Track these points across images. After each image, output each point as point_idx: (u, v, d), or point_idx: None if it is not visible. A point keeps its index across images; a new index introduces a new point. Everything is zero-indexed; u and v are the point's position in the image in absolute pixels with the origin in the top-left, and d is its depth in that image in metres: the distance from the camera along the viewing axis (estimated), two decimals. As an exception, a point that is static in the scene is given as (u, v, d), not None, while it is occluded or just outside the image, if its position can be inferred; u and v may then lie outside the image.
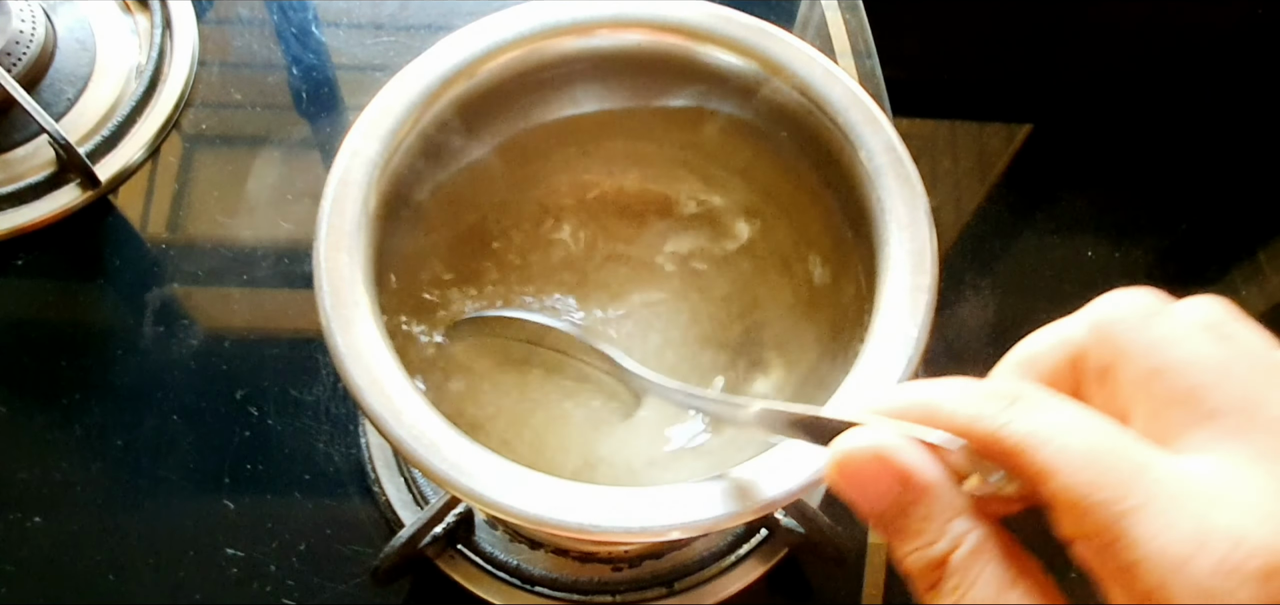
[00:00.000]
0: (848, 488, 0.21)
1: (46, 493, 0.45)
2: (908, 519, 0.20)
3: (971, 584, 0.20)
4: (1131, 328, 0.20)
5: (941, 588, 0.20)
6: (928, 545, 0.20)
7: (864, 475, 0.21)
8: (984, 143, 0.66)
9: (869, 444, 0.21)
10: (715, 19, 0.38)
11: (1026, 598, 0.19)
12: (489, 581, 0.44)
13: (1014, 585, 0.19)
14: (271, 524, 0.45)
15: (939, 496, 0.20)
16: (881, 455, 0.20)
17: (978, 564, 0.20)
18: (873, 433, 0.21)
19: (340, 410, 0.48)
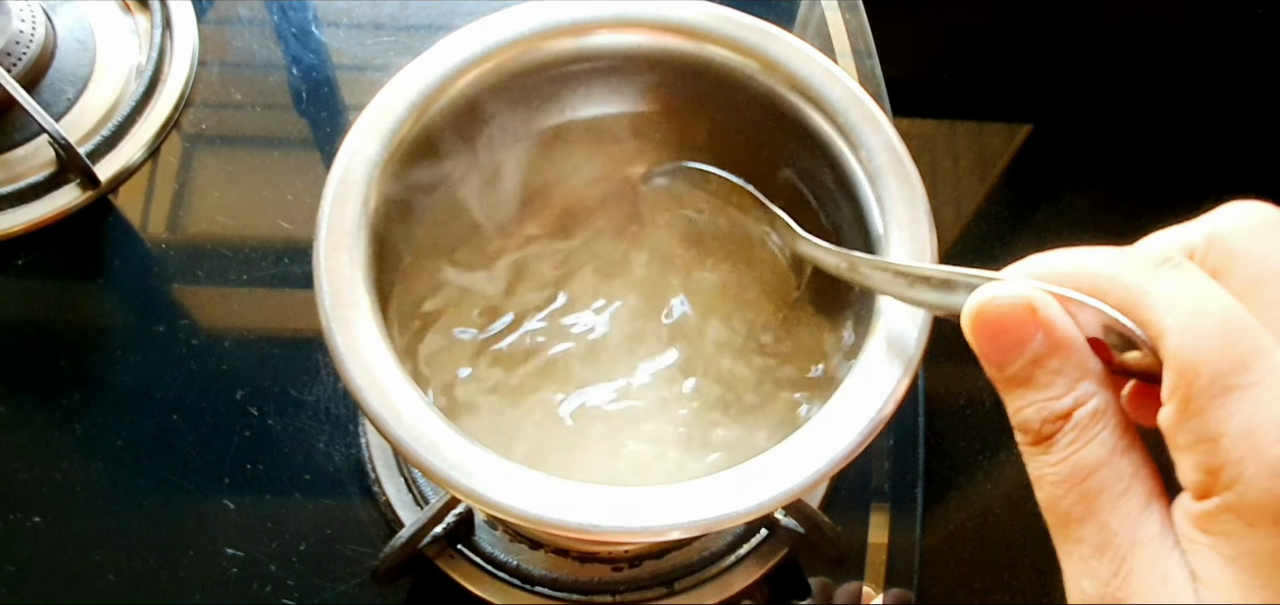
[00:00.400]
0: (983, 334, 0.22)
1: (46, 493, 0.45)
2: (1039, 370, 0.21)
3: (1088, 442, 0.20)
4: (1245, 236, 0.21)
5: (1056, 442, 0.21)
6: (1053, 398, 0.21)
7: (1005, 322, 0.21)
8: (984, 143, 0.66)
9: (1017, 293, 0.21)
10: (716, 19, 0.38)
11: (1132, 466, 0.20)
12: (489, 581, 0.44)
13: (1125, 453, 0.20)
14: (271, 524, 0.45)
15: (1076, 352, 0.21)
16: (1030, 304, 0.21)
17: (1097, 424, 0.20)
18: (1021, 284, 0.22)
19: (340, 410, 0.48)
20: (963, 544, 0.50)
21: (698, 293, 0.41)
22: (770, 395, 0.39)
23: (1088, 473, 0.20)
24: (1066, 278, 0.21)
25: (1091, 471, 0.20)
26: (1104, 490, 0.20)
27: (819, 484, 0.31)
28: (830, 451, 0.29)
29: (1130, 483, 0.20)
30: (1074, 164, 0.66)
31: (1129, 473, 0.20)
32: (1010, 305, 0.21)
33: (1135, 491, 0.20)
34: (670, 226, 0.42)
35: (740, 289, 0.41)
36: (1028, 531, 0.50)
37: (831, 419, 0.30)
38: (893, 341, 0.31)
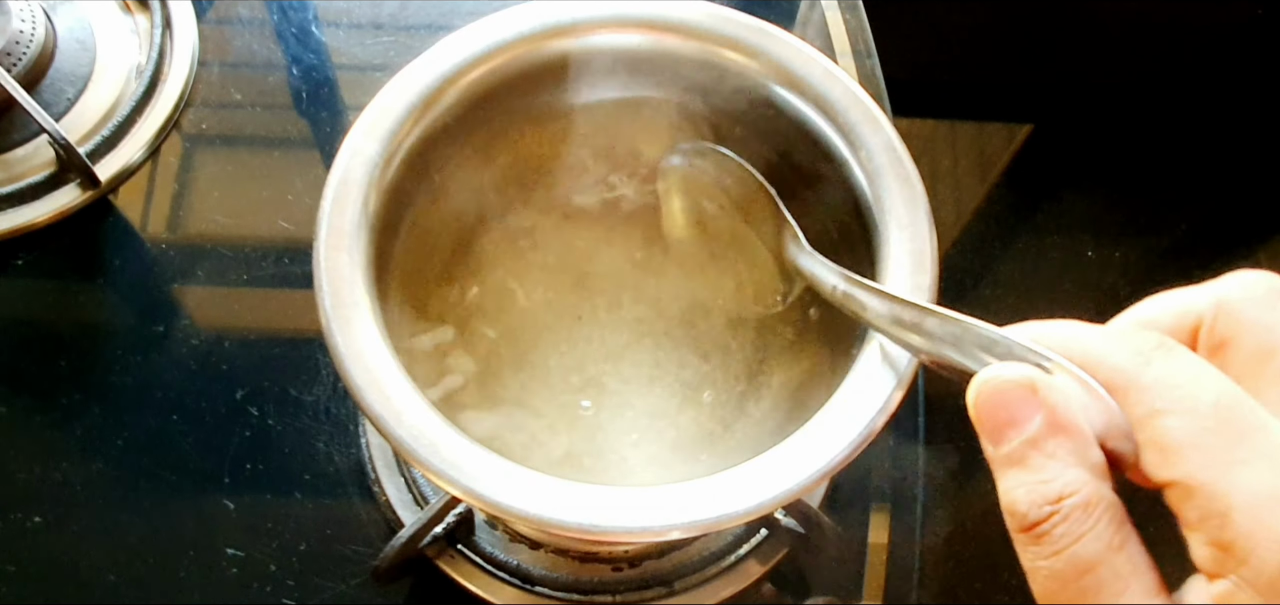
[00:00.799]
0: (988, 405, 0.22)
1: (46, 493, 0.45)
2: (1034, 452, 0.21)
3: (1080, 536, 0.20)
4: (1253, 307, 0.21)
5: (1047, 532, 0.20)
6: (1044, 482, 0.20)
7: (1005, 398, 0.21)
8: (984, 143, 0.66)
9: (1023, 374, 0.21)
10: (716, 19, 0.38)
11: (1130, 562, 0.19)
12: (489, 581, 0.44)
13: (1120, 549, 0.19)
14: (271, 524, 0.45)
15: (1074, 438, 0.20)
16: (1031, 384, 0.21)
17: (1090, 518, 0.20)
18: (1024, 367, 0.22)
19: (340, 410, 0.48)
20: (963, 544, 0.50)
21: (692, 292, 0.41)
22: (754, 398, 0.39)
23: (1085, 569, 0.20)
24: (1078, 356, 0.21)
25: (1090, 568, 0.19)
26: (1104, 587, 0.19)
27: (819, 484, 0.31)
28: (830, 452, 0.29)
29: (1130, 579, 0.19)
30: (1074, 164, 0.66)
31: (1128, 570, 0.19)
32: (1013, 383, 0.21)
33: (1135, 588, 0.19)
34: (679, 213, 0.42)
35: (737, 290, 0.41)
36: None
37: (831, 419, 0.30)
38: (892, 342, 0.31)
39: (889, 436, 0.49)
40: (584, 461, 0.39)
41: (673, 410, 0.40)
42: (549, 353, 0.40)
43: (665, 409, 0.40)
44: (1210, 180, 0.64)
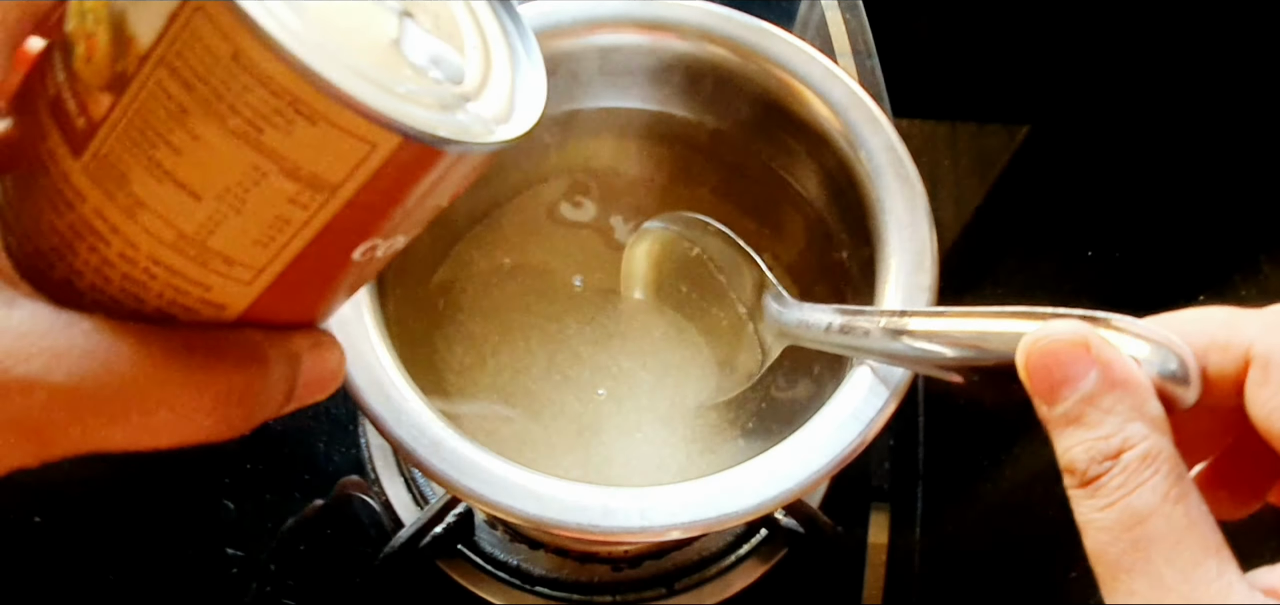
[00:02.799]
0: (1035, 369, 0.21)
1: (46, 493, 0.45)
2: (1090, 408, 0.20)
3: (1136, 488, 0.19)
4: None
5: (1103, 485, 0.20)
6: (1103, 438, 0.20)
7: (1059, 357, 0.21)
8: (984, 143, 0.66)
9: (1073, 329, 0.21)
10: (716, 19, 0.38)
11: (1187, 516, 0.19)
12: (489, 581, 0.44)
13: (1177, 502, 0.19)
14: (271, 524, 0.45)
15: (1131, 391, 0.20)
16: (1084, 340, 0.21)
17: (1148, 468, 0.19)
18: (1080, 325, 0.21)
19: (340, 410, 0.48)
20: (963, 544, 0.50)
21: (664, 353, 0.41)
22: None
23: (1138, 520, 0.19)
24: (1169, 329, 0.21)
25: (1142, 519, 0.19)
26: (1156, 540, 0.19)
27: (819, 484, 0.31)
28: (830, 451, 0.29)
29: (1185, 533, 0.19)
30: (1074, 164, 0.66)
31: (1183, 523, 0.19)
32: (1065, 341, 0.21)
33: (1190, 542, 0.19)
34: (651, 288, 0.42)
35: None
36: (1028, 531, 0.50)
37: (831, 419, 0.30)
38: (893, 341, 0.31)
39: (889, 436, 0.50)
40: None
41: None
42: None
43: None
44: (1210, 180, 0.65)
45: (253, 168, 0.17)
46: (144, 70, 0.17)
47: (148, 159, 0.18)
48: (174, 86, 0.17)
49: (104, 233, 0.19)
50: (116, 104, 0.17)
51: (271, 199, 0.18)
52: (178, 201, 0.18)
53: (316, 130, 0.17)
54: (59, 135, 0.18)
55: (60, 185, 0.18)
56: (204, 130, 0.17)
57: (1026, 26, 0.70)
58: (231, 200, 0.18)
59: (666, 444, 0.38)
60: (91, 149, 0.18)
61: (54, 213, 0.19)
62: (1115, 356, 0.21)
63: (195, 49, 0.16)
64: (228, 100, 0.17)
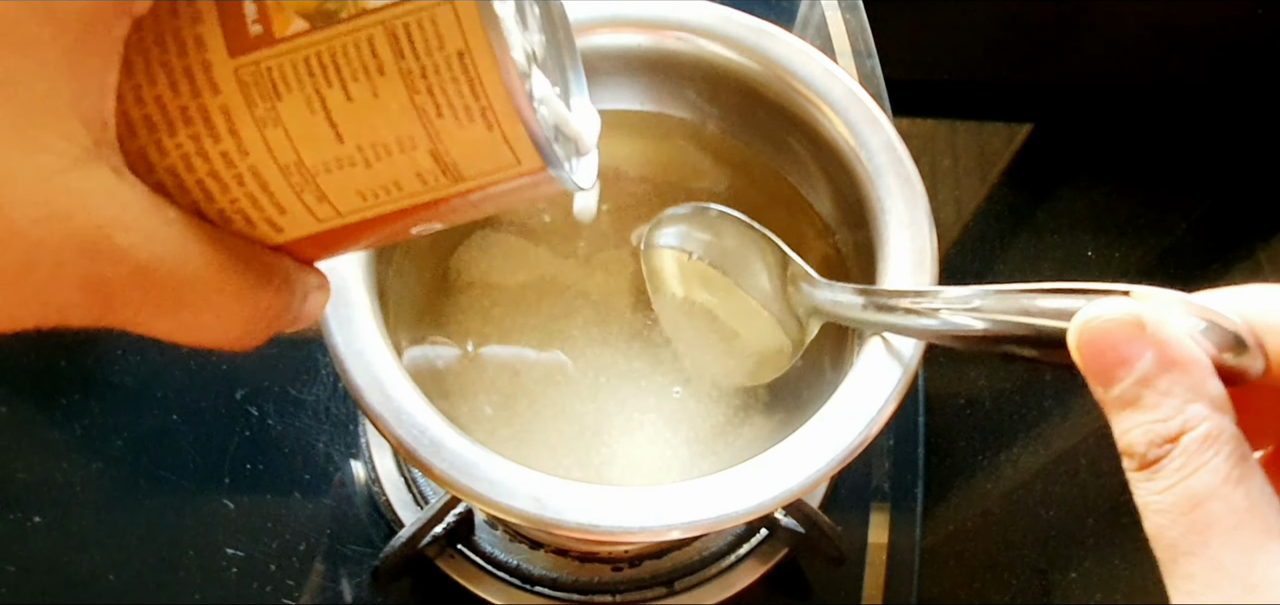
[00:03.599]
0: (1089, 352, 0.21)
1: (46, 493, 0.45)
2: (1147, 390, 0.20)
3: (1196, 470, 0.19)
4: None
5: (1162, 468, 0.19)
6: (1161, 420, 0.19)
7: (1114, 336, 0.20)
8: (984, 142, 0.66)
9: (1125, 309, 0.20)
10: (716, 19, 0.38)
11: (1249, 499, 0.18)
12: (489, 581, 0.44)
13: (1238, 484, 0.19)
14: (271, 524, 0.45)
15: (1190, 372, 0.19)
16: (1139, 320, 0.20)
17: (1208, 450, 0.19)
18: (1134, 303, 0.20)
19: (340, 410, 0.48)
20: (963, 544, 0.50)
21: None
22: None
23: (1197, 502, 0.19)
24: (1225, 306, 0.20)
25: (1201, 501, 0.19)
26: (1215, 523, 0.18)
27: (819, 484, 0.31)
28: (830, 451, 0.29)
29: (1245, 515, 0.18)
30: (1074, 164, 0.66)
31: (1244, 505, 0.18)
32: (1118, 321, 0.20)
33: (1251, 526, 0.18)
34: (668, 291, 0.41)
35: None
36: (1028, 531, 0.50)
37: (831, 419, 0.30)
38: (892, 341, 0.31)
39: (889, 436, 0.50)
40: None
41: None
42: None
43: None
44: (1210, 180, 0.65)
45: (409, 137, 0.19)
46: (359, 21, 0.18)
47: (314, 90, 0.19)
48: (384, 47, 0.18)
49: (220, 131, 0.19)
50: (309, 34, 0.18)
51: (404, 167, 0.20)
52: (319, 136, 0.19)
53: (489, 135, 0.19)
54: (218, 28, 0.18)
55: (195, 70, 0.19)
56: (391, 93, 0.19)
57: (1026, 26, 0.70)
58: (369, 154, 0.19)
59: (670, 445, 0.38)
60: (255, 58, 0.19)
61: (170, 89, 0.19)
62: (1171, 335, 0.20)
63: (426, 29, 0.18)
64: (430, 81, 0.18)
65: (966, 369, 0.56)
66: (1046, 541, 0.21)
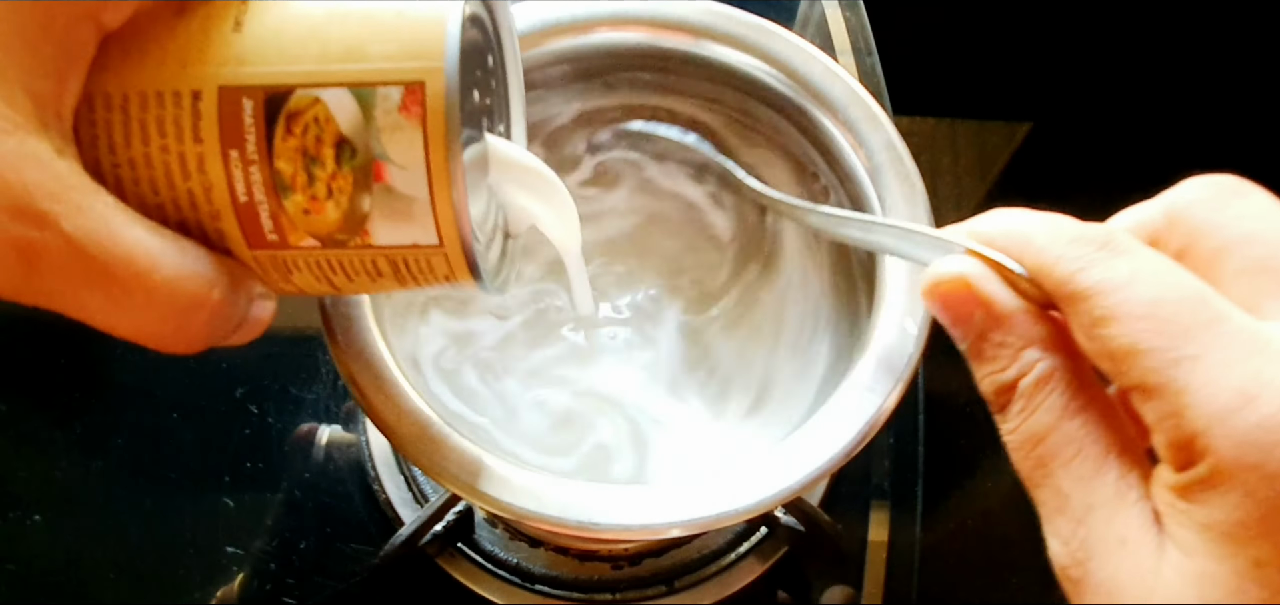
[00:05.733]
0: (938, 308, 0.22)
1: (46, 492, 0.45)
2: (986, 343, 0.21)
3: (1033, 410, 0.20)
4: (1206, 207, 0.21)
5: (1008, 412, 0.21)
6: (1000, 370, 0.21)
7: (951, 296, 0.22)
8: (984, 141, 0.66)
9: (956, 270, 0.22)
10: (716, 17, 0.38)
11: (1084, 428, 0.20)
12: (489, 580, 0.44)
13: (1075, 416, 0.20)
14: (271, 523, 0.45)
15: (1015, 325, 0.21)
16: (966, 281, 0.22)
17: (1042, 392, 0.20)
18: (961, 260, 0.22)
19: (340, 409, 0.48)
20: (963, 542, 0.50)
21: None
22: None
23: (1038, 439, 0.20)
24: (1015, 244, 0.22)
25: (1041, 438, 0.20)
26: (1054, 455, 0.20)
27: (819, 482, 0.31)
28: (830, 449, 0.29)
29: (1082, 445, 0.20)
30: (1074, 163, 0.66)
31: (1080, 435, 0.20)
32: (951, 281, 0.22)
33: (1088, 453, 0.20)
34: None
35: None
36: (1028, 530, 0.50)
37: (831, 417, 0.30)
38: (892, 339, 0.31)
39: (889, 435, 0.50)
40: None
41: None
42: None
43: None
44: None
45: (381, 280, 0.23)
46: (365, 252, 0.22)
47: (323, 275, 0.23)
48: (385, 266, 0.23)
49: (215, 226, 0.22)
50: (318, 250, 0.22)
51: (365, 280, 0.23)
52: (315, 283, 0.24)
53: (443, 279, 0.24)
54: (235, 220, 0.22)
55: (206, 222, 0.22)
56: (386, 283, 0.23)
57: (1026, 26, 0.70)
58: (344, 276, 0.23)
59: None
60: (267, 252, 0.22)
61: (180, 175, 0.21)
62: (994, 291, 0.21)
63: (421, 264, 0.23)
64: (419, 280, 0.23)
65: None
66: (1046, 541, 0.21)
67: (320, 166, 0.21)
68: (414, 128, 0.21)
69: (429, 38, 0.21)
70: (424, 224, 0.22)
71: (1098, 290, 0.19)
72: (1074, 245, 0.20)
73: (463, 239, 0.22)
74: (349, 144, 0.21)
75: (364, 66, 0.21)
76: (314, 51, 0.21)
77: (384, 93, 0.21)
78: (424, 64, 0.21)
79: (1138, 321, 0.19)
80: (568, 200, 0.28)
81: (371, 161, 0.21)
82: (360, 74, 0.21)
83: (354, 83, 0.21)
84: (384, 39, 0.21)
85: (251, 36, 0.21)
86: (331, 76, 0.21)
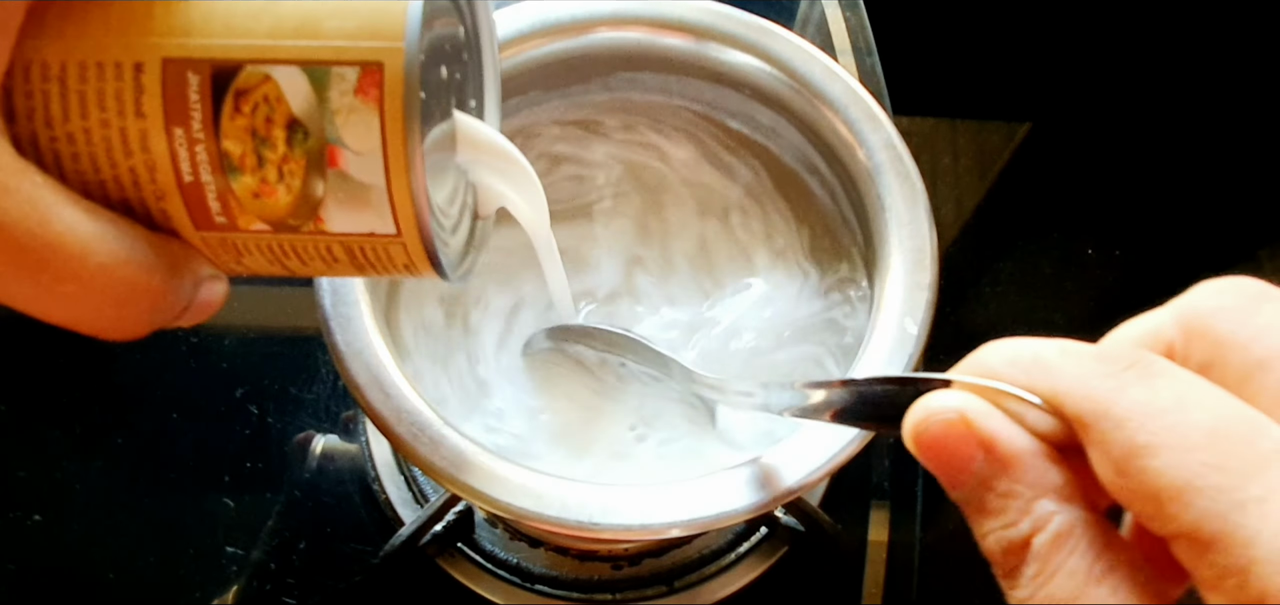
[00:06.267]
0: (927, 455, 0.19)
1: (46, 492, 0.45)
2: (989, 493, 0.18)
3: (1052, 575, 0.17)
4: (1231, 316, 0.18)
5: (1020, 576, 0.18)
6: (1008, 525, 0.18)
7: (945, 440, 0.18)
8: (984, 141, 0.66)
9: (951, 406, 0.18)
10: (716, 17, 0.38)
11: (1114, 597, 0.17)
12: (489, 580, 0.44)
13: (1102, 581, 0.17)
14: (271, 523, 0.45)
15: (1027, 470, 0.18)
16: (965, 418, 0.18)
17: (1061, 552, 0.17)
18: (957, 395, 0.19)
19: (340, 409, 0.48)
20: (963, 542, 0.49)
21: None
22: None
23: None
24: (1022, 373, 0.18)
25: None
26: None
27: (819, 482, 0.31)
28: (830, 449, 0.29)
29: None
30: (1074, 163, 0.66)
31: (1110, 602, 0.17)
32: (944, 421, 0.18)
33: None
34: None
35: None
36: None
37: (831, 417, 0.30)
38: (892, 338, 0.31)
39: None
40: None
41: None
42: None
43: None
44: (1210, 180, 0.64)
45: (337, 266, 0.22)
46: (319, 238, 0.21)
47: (271, 257, 0.22)
48: (341, 253, 0.22)
49: (159, 207, 0.21)
50: (269, 234, 0.21)
51: (320, 266, 0.22)
52: (266, 264, 0.22)
53: (403, 269, 0.22)
54: (180, 201, 0.20)
55: (149, 202, 0.20)
56: (342, 267, 0.22)
57: (1026, 26, 0.70)
58: (298, 261, 0.22)
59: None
60: (215, 234, 0.21)
61: (121, 152, 0.20)
62: (998, 429, 0.18)
63: (379, 254, 0.22)
64: (376, 268, 0.22)
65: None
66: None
67: (270, 148, 0.20)
68: (371, 112, 0.19)
69: (390, 14, 0.19)
70: (381, 213, 0.20)
71: (1142, 411, 0.16)
72: (1100, 364, 0.17)
73: (422, 230, 0.21)
74: (301, 126, 0.19)
75: (318, 43, 0.19)
76: (265, 25, 0.19)
77: (339, 73, 0.19)
78: (383, 44, 0.19)
79: (1192, 453, 0.15)
80: (535, 182, 0.27)
81: (325, 145, 0.20)
82: (314, 52, 0.19)
83: (307, 61, 0.19)
84: (341, 14, 0.19)
85: (199, 6, 0.19)
86: (283, 53, 0.19)
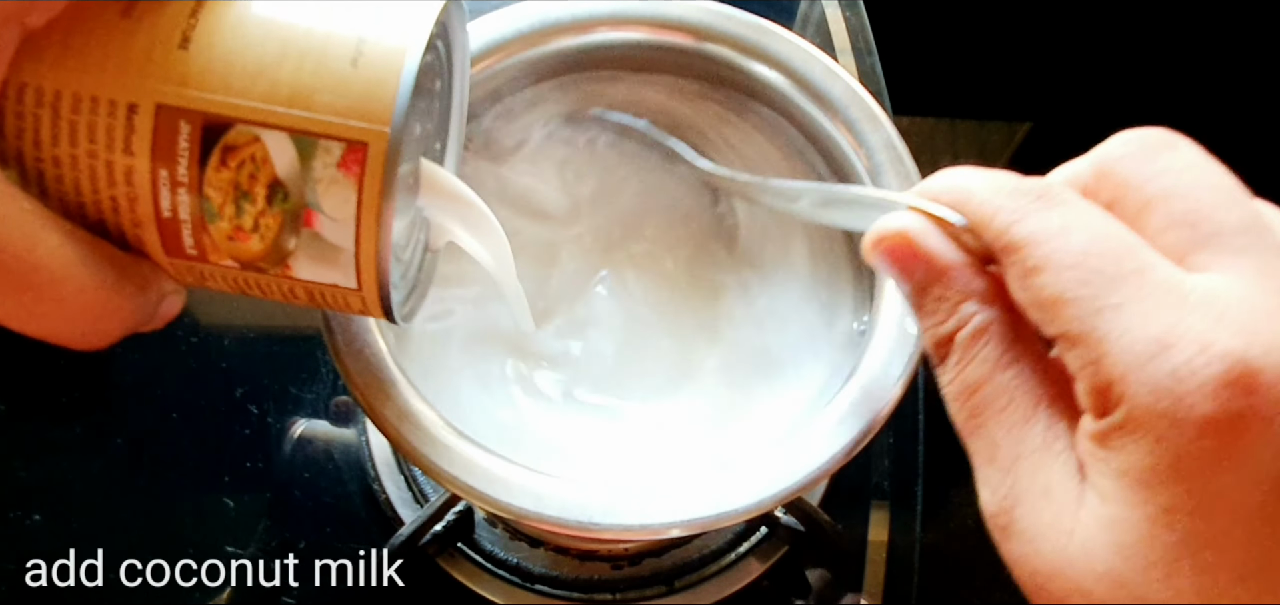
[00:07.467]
0: (882, 262, 0.23)
1: (46, 492, 0.45)
2: (927, 297, 0.22)
3: (968, 362, 0.21)
4: (1133, 160, 0.21)
5: (946, 364, 0.22)
6: (939, 323, 0.22)
7: (895, 254, 0.22)
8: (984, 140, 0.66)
9: (898, 226, 0.22)
10: (716, 16, 0.38)
11: (1016, 379, 0.20)
12: (489, 579, 0.44)
13: (1008, 367, 0.21)
14: (271, 523, 0.45)
15: (953, 280, 0.21)
16: (907, 236, 0.22)
17: (977, 344, 0.21)
18: (903, 216, 0.22)
19: (340, 409, 0.48)
20: (963, 542, 0.50)
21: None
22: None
23: (972, 390, 0.21)
24: (956, 198, 0.22)
25: (975, 388, 0.21)
26: (987, 406, 0.21)
27: (819, 481, 0.31)
28: (830, 449, 0.29)
29: (1013, 396, 0.20)
30: (1074, 162, 0.66)
31: (1012, 386, 0.20)
32: (893, 236, 0.22)
33: (1018, 404, 0.20)
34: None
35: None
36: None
37: (831, 416, 0.30)
38: (892, 339, 0.31)
39: (889, 434, 0.50)
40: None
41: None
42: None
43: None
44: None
45: (295, 301, 0.24)
46: (283, 280, 0.23)
47: (234, 285, 0.23)
48: (302, 294, 0.23)
49: (134, 232, 0.22)
50: (237, 269, 0.22)
51: (278, 297, 0.24)
52: (227, 290, 0.24)
53: (356, 312, 0.24)
54: (156, 232, 0.22)
55: (126, 227, 0.22)
56: (296, 303, 0.24)
57: (1026, 26, 0.70)
58: (258, 292, 0.24)
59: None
60: (184, 262, 0.22)
61: (105, 182, 0.21)
62: (934, 246, 0.22)
63: (338, 300, 0.23)
64: (332, 309, 0.24)
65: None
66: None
67: (250, 202, 0.21)
68: (350, 185, 0.20)
69: (379, 99, 0.20)
70: (346, 270, 0.22)
71: (1031, 240, 0.20)
72: (1012, 197, 0.20)
73: (381, 286, 0.22)
74: (283, 187, 0.21)
75: (309, 115, 0.20)
76: (261, 88, 0.20)
77: (325, 145, 0.20)
78: (370, 126, 0.20)
79: (1066, 271, 0.19)
80: (496, 229, 0.28)
81: (303, 208, 0.21)
82: (305, 122, 0.20)
83: (297, 130, 0.20)
84: (334, 90, 0.20)
85: (198, 58, 0.20)
86: (275, 118, 0.20)
